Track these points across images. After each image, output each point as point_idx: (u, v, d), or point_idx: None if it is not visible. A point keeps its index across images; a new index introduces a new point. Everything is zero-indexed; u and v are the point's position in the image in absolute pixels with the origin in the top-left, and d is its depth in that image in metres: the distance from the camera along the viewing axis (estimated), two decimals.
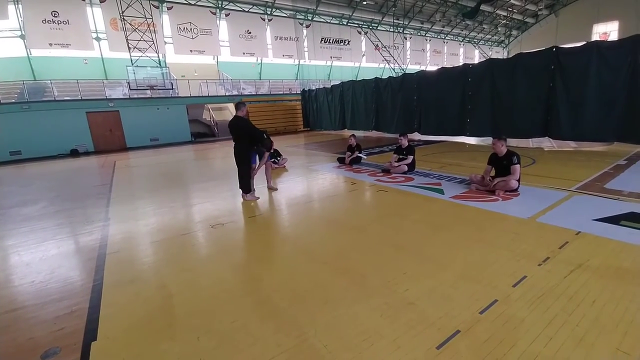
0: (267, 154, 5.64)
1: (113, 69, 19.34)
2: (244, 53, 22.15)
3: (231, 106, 22.23)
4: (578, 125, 7.91)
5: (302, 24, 24.14)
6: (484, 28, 34.23)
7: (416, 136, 12.57)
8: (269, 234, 3.86)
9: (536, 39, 32.69)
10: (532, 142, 9.41)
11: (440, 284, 2.44)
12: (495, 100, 9.50)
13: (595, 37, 28.22)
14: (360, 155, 7.83)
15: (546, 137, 8.61)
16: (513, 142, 9.29)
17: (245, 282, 2.70)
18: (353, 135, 8.03)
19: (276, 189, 5.74)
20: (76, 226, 4.58)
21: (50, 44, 16.99)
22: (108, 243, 3.81)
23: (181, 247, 3.54)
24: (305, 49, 24.70)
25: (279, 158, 8.11)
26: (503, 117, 9.32)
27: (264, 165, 5.69)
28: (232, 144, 5.09)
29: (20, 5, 15.77)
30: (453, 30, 32.90)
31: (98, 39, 18.80)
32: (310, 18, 24.28)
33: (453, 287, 2.40)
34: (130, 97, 17.69)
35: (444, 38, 33.52)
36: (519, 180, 4.56)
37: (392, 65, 27.21)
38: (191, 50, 20.43)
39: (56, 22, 16.72)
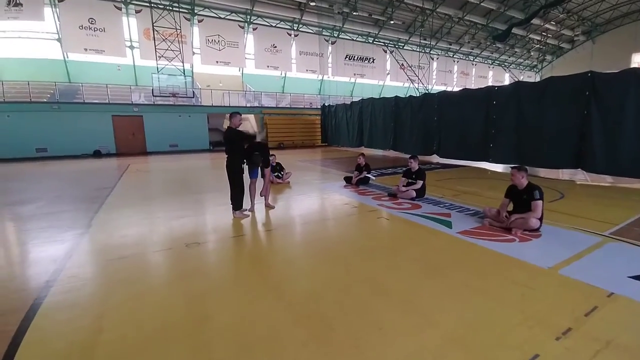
0: (268, 170, 5.30)
1: (144, 76, 20.08)
2: (268, 66, 22.48)
3: (252, 117, 22.50)
4: (615, 159, 7.10)
5: (327, 41, 24.31)
6: (515, 52, 33.25)
7: (434, 159, 11.95)
8: (243, 260, 3.44)
9: (571, 65, 31.24)
10: (562, 174, 8.58)
11: (423, 349, 1.92)
12: (522, 126, 8.81)
13: (634, 65, 26.61)
14: (368, 175, 7.36)
15: (579, 169, 7.81)
16: (541, 172, 8.52)
17: (191, 320, 2.28)
18: (362, 154, 7.60)
19: (273, 207, 5.37)
20: (56, 231, 4.36)
21: (86, 49, 17.88)
22: (73, 255, 3.54)
23: (143, 268, 3.20)
24: (329, 64, 24.78)
25: (282, 173, 7.78)
26: (530, 144, 8.60)
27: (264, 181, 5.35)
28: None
29: (57, 9, 16.70)
30: (482, 53, 32.17)
31: (132, 47, 19.62)
32: (336, 35, 24.44)
33: (439, 355, 1.88)
34: (155, 103, 18.20)
35: (473, 60, 32.78)
36: (540, 219, 3.93)
37: (416, 85, 26.76)
38: (217, 61, 20.94)
39: (92, 28, 17.63)
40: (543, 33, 29.67)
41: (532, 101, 8.60)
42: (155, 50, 16.84)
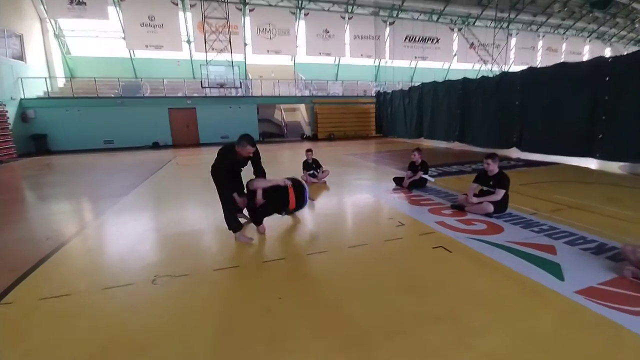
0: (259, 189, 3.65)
1: (199, 69, 20.38)
2: (320, 53, 21.23)
3: (302, 107, 21.60)
4: None
5: (385, 22, 22.12)
6: (617, 22, 26.95)
7: (513, 152, 9.61)
8: (205, 324, 2.19)
9: None
10: None
11: None
12: None
13: None
14: (425, 177, 5.72)
15: None
16: None
17: None
18: (418, 149, 5.95)
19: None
20: (25, 245, 3.70)
21: (147, 46, 18.60)
22: (21, 284, 2.74)
23: (73, 316, 2.22)
24: (387, 48, 22.59)
25: (318, 171, 6.53)
26: None
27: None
28: (298, 146, 3.83)
29: (119, 9, 17.47)
30: (576, 24, 26.65)
31: (188, 41, 19.98)
32: (394, 15, 22.11)
33: None
34: (207, 95, 18.28)
35: (563, 33, 27.40)
36: None
37: (490, 66, 23.14)
38: (268, 50, 20.34)
39: (152, 25, 18.20)
40: None
41: None
42: (205, 42, 16.72)
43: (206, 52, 16.75)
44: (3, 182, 8.34)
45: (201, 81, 16.74)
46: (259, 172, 3.70)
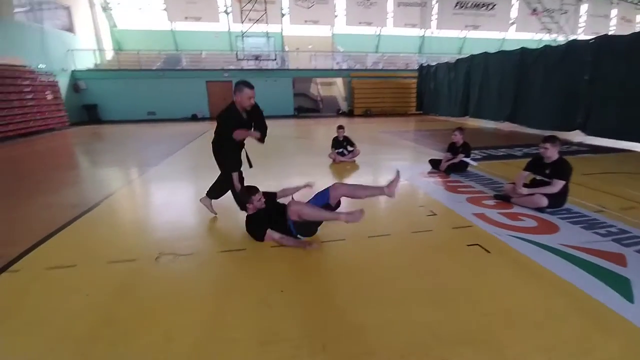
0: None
1: (238, 41, 20.23)
2: (360, 22, 20.00)
3: (339, 81, 20.79)
4: None
5: None
6: None
7: (576, 136, 8.42)
8: (200, 305, 2.01)
9: None
10: None
11: None
12: None
13: None
14: (465, 160, 5.10)
15: None
16: None
17: None
18: (460, 128, 5.29)
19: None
20: (58, 210, 3.79)
21: (186, 17, 18.70)
22: (35, 251, 2.76)
23: (67, 287, 2.15)
24: (434, 16, 20.68)
25: (349, 148, 6.12)
26: None
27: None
28: (333, 122, 3.52)
29: None
30: None
31: (226, 12, 19.72)
32: None
33: None
34: (244, 68, 18.14)
35: (637, 2, 23.23)
36: None
37: (554, 36, 20.39)
38: (305, 20, 19.55)
39: None
40: None
41: None
42: (241, 13, 16.35)
43: (242, 22, 16.41)
44: (52, 148, 8.93)
45: (236, 53, 16.55)
46: (261, 128, 3.21)
